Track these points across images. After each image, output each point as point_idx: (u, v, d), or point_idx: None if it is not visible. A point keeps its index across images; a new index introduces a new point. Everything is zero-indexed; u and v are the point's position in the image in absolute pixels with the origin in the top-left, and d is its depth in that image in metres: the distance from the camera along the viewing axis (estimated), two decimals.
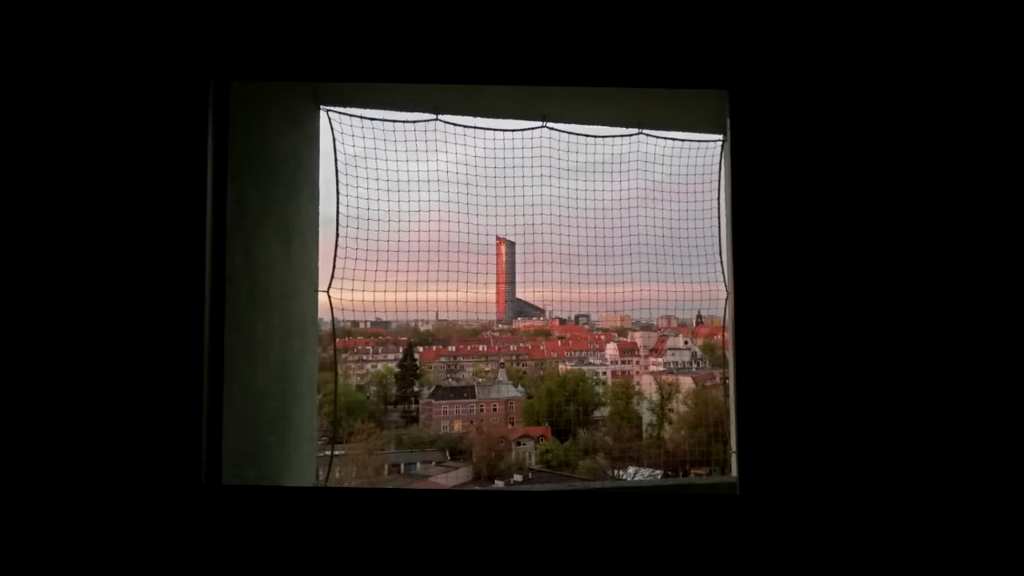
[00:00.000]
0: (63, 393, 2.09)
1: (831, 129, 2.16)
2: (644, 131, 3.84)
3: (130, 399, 2.08)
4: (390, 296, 4.15)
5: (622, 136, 3.92)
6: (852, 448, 2.08)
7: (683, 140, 3.95)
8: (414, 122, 3.62)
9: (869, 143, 2.15)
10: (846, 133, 2.15)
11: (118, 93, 2.14)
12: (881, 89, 2.16)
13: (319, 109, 3.41)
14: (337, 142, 3.55)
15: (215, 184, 2.21)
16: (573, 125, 3.87)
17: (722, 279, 3.64)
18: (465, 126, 3.74)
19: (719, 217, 3.95)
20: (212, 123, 2.18)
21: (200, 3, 2.17)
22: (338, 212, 3.59)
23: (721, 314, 3.58)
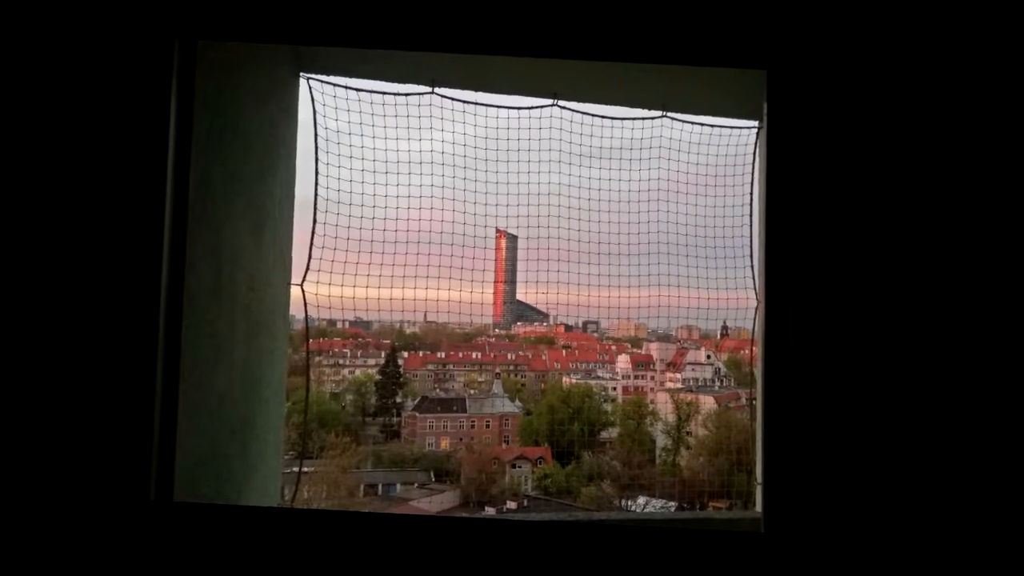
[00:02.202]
0: None
1: (884, 117, 2.15)
2: (669, 114, 3.84)
3: (71, 400, 2.08)
4: (372, 293, 4.15)
5: (643, 119, 3.93)
6: (896, 484, 2.08)
7: (713, 126, 3.95)
8: (407, 95, 3.63)
9: (926, 133, 2.14)
10: (901, 122, 2.15)
11: (67, 52, 2.14)
12: (943, 72, 2.15)
13: (299, 77, 3.41)
14: (318, 115, 3.56)
15: (177, 159, 2.21)
16: (588, 104, 3.88)
17: (752, 286, 3.65)
18: (465, 101, 3.74)
19: (751, 215, 3.95)
20: (176, 89, 2.18)
21: None
22: (316, 195, 3.60)
23: (750, 326, 3.59)
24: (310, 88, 3.47)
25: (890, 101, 2.16)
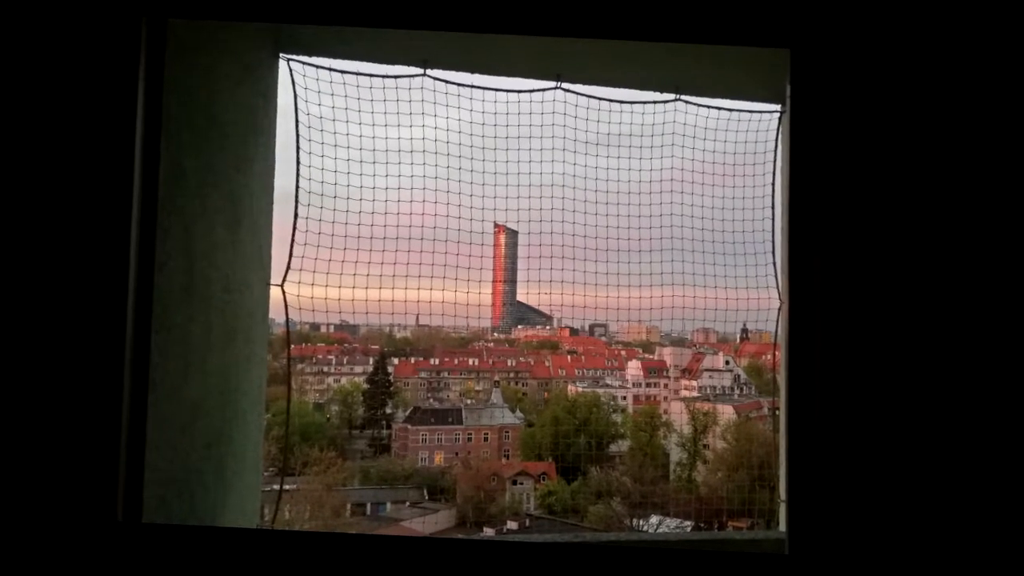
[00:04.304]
0: None
1: (918, 99, 2.15)
2: (683, 97, 3.85)
3: (28, 412, 2.08)
4: (359, 294, 4.17)
5: (655, 103, 3.93)
6: (933, 502, 2.08)
7: (731, 110, 3.95)
8: (396, 78, 3.63)
9: (964, 116, 2.14)
10: (937, 105, 2.14)
11: (23, 31, 2.14)
12: (983, 48, 2.15)
13: (278, 58, 3.41)
14: (300, 100, 3.56)
15: (145, 148, 2.20)
16: (595, 87, 3.88)
17: (775, 284, 3.65)
18: (460, 84, 3.74)
19: (773, 207, 3.95)
20: (144, 72, 2.18)
21: None
22: (298, 187, 3.60)
23: (772, 328, 3.59)
24: (290, 70, 3.48)
25: (925, 82, 2.15)
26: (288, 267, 3.47)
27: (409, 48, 3.44)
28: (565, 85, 3.77)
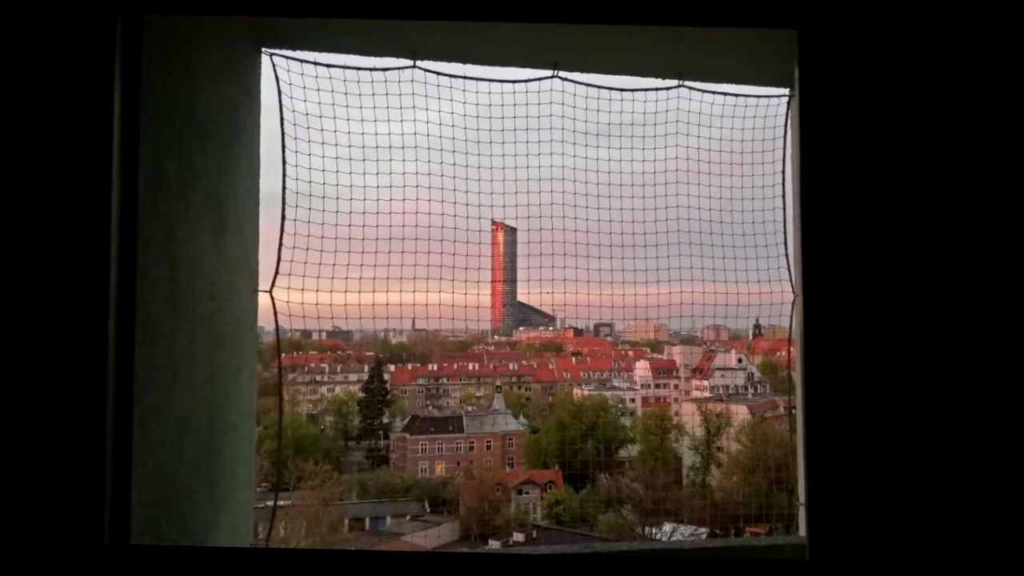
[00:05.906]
0: None
1: (934, 80, 2.15)
2: (686, 83, 3.85)
3: (9, 431, 2.08)
4: (352, 298, 4.16)
5: (657, 90, 3.93)
6: (958, 502, 2.08)
7: (737, 95, 3.95)
8: (385, 70, 3.63)
9: (984, 95, 2.14)
10: (954, 85, 2.15)
11: None
12: (1003, 22, 2.15)
13: (260, 53, 3.41)
14: (284, 96, 3.56)
15: (123, 151, 2.20)
16: (593, 75, 3.88)
17: (787, 277, 3.65)
18: (451, 76, 3.74)
19: (784, 196, 3.96)
20: (120, 71, 2.18)
21: None
22: (284, 188, 3.60)
23: (786, 323, 3.59)
24: (273, 66, 3.48)
25: (941, 60, 2.15)
26: (276, 272, 3.47)
27: (397, 39, 3.44)
28: (562, 74, 3.77)
